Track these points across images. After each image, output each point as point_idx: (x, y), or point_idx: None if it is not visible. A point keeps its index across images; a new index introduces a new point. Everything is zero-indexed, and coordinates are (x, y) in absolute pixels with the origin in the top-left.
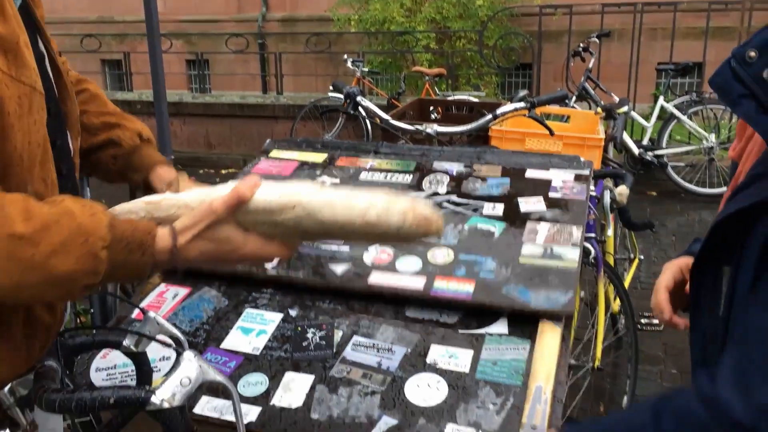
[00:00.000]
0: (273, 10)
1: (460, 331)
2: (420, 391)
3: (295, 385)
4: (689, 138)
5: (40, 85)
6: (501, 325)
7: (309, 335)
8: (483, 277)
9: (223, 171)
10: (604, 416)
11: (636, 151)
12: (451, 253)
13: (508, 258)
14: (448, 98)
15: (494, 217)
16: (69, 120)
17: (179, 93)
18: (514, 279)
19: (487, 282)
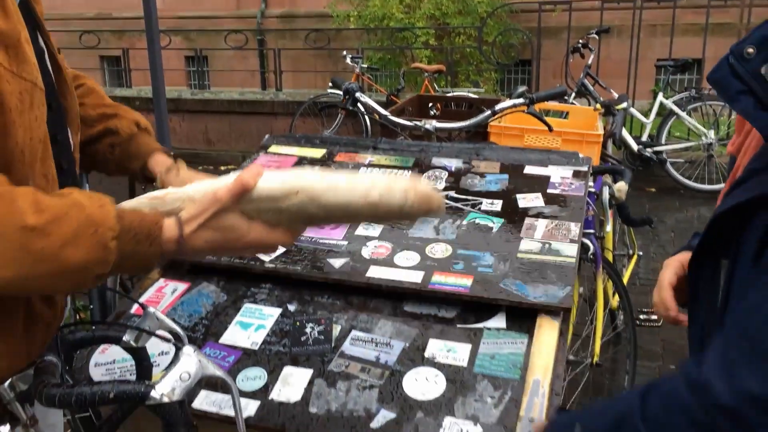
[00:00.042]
0: (272, 7)
1: (458, 325)
2: (418, 385)
3: (294, 379)
4: (688, 134)
5: (40, 81)
6: (499, 319)
7: (307, 330)
8: (481, 271)
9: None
10: (595, 403)
11: (635, 147)
12: (449, 248)
13: (506, 253)
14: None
15: (493, 213)
16: (69, 115)
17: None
18: (512, 274)
19: (485, 276)
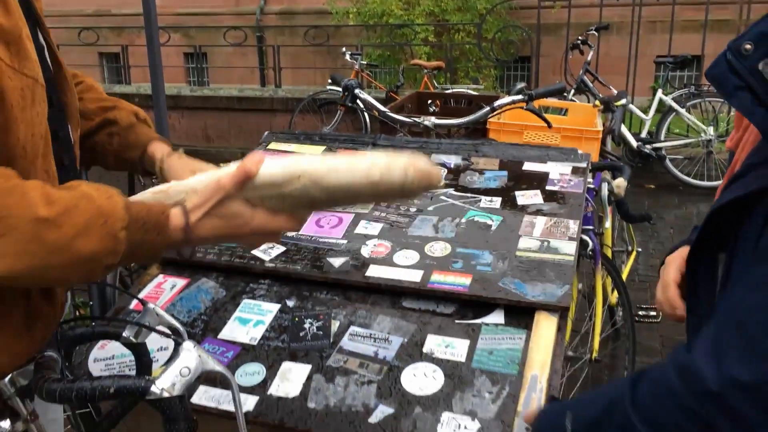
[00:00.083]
0: (271, 3)
1: (456, 321)
2: (416, 380)
3: (293, 374)
4: (687, 131)
5: (41, 77)
6: (497, 315)
7: (306, 325)
8: (480, 270)
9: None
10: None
11: (634, 144)
12: (448, 246)
13: (505, 251)
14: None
15: (491, 210)
16: (69, 111)
17: (177, 86)
18: (510, 272)
19: (483, 275)
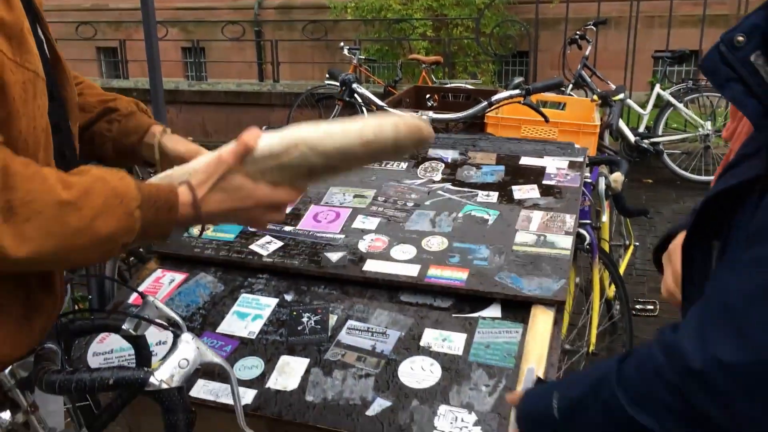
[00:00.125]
0: None
1: (453, 315)
2: (414, 373)
3: (291, 368)
4: (685, 125)
5: (42, 71)
6: (494, 309)
7: (304, 319)
8: (476, 264)
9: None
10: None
11: (632, 138)
12: (445, 241)
13: (502, 246)
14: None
15: (488, 204)
16: (68, 105)
17: (175, 81)
18: (507, 267)
19: (480, 270)
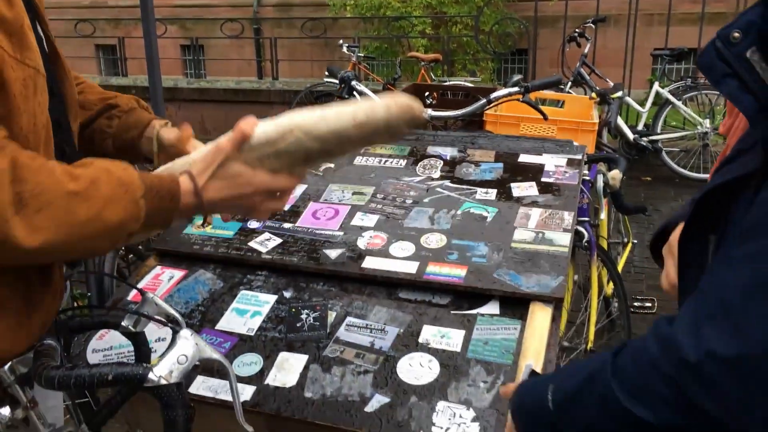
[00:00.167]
0: None
1: (452, 311)
2: (412, 370)
3: (289, 364)
4: (684, 123)
5: (42, 67)
6: (493, 306)
7: (303, 316)
8: (475, 261)
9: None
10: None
11: (631, 136)
12: (444, 238)
13: (500, 243)
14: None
15: (487, 201)
16: (68, 102)
17: (174, 78)
18: (505, 264)
19: (478, 267)
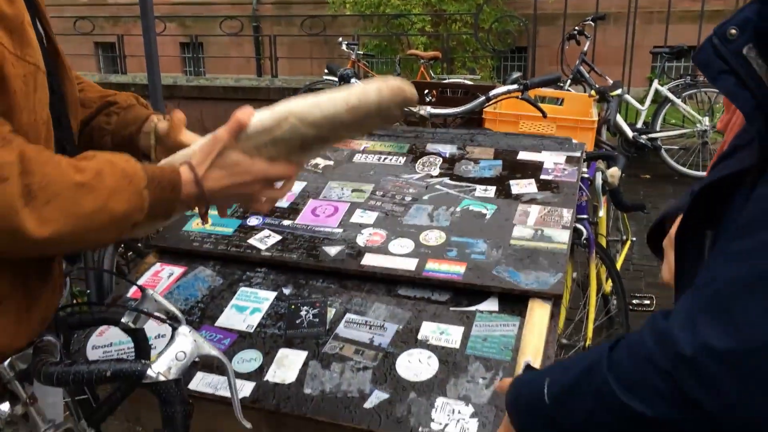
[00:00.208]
0: None
1: (451, 308)
2: (411, 366)
3: (289, 361)
4: (683, 121)
5: (42, 64)
6: (491, 302)
7: (302, 313)
8: (474, 258)
9: None
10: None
11: (630, 134)
12: (443, 235)
13: (499, 240)
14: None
15: (486, 199)
16: (68, 99)
17: (173, 76)
18: (504, 261)
19: (477, 264)
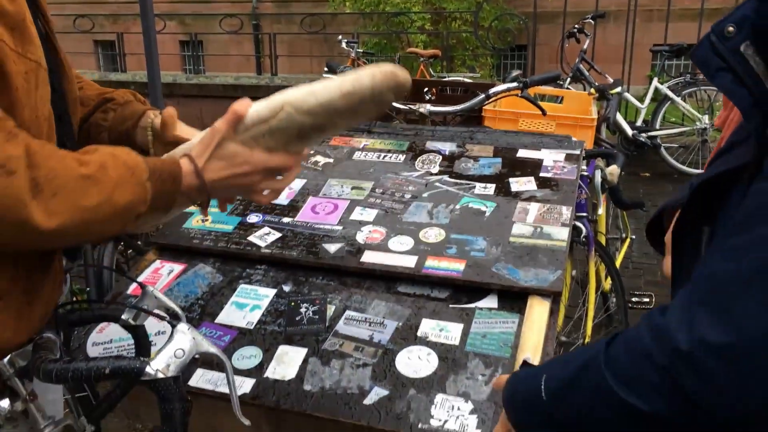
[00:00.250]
0: None
1: (450, 305)
2: (411, 363)
3: (289, 357)
4: (683, 119)
5: (44, 61)
6: (491, 300)
7: (302, 310)
8: (473, 255)
9: None
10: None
11: (629, 132)
12: (442, 232)
13: (499, 237)
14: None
15: (486, 196)
16: (68, 96)
17: (173, 74)
18: (504, 258)
19: (477, 261)
